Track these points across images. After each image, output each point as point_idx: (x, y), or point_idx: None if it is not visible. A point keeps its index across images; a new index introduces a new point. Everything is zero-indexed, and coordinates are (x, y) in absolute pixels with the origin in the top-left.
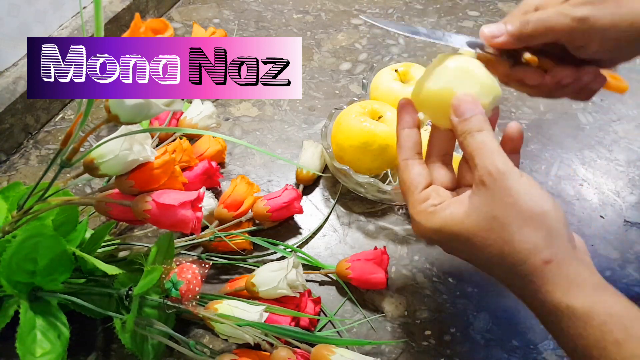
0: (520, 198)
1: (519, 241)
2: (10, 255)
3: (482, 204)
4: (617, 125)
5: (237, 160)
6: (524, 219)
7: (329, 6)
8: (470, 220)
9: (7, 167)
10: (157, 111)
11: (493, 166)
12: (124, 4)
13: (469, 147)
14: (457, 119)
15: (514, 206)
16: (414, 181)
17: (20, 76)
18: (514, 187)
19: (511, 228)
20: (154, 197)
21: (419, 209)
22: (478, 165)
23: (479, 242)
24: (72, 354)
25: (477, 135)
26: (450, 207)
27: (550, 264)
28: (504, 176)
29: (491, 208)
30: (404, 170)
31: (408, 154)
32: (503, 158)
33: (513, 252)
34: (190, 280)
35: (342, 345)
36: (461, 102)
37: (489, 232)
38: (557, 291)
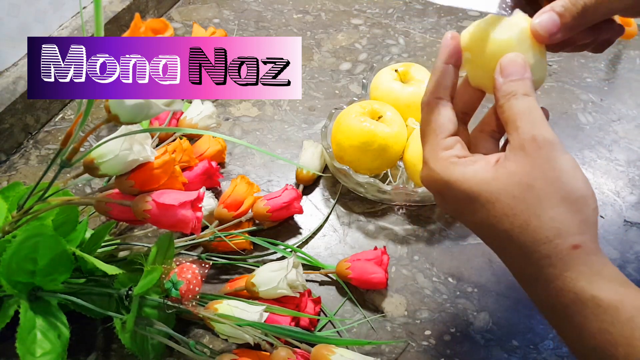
0: (564, 175)
1: (551, 218)
2: (10, 255)
3: (518, 169)
4: (617, 125)
5: (237, 160)
6: (563, 198)
7: (329, 6)
8: (499, 183)
9: (7, 167)
10: (157, 111)
11: (540, 133)
12: (124, 4)
13: (513, 109)
14: (502, 80)
15: (555, 182)
16: (441, 123)
17: (20, 76)
18: (559, 160)
19: (546, 203)
20: (154, 197)
21: (439, 155)
22: (521, 128)
23: (501, 209)
24: (72, 354)
25: (524, 99)
26: (477, 164)
27: (578, 250)
28: (551, 147)
29: (529, 177)
30: (434, 109)
31: (442, 92)
32: (550, 130)
33: (540, 227)
34: (190, 280)
35: (342, 345)
36: (512, 62)
37: (518, 200)
38: (581, 279)
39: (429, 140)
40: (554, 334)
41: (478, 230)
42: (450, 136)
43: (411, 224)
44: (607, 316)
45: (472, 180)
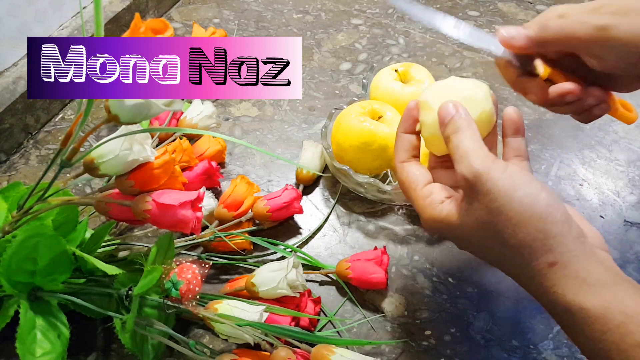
0: (504, 202)
1: (517, 246)
2: (10, 255)
3: (470, 210)
4: (617, 125)
5: (237, 160)
6: (516, 224)
7: (329, 6)
8: (466, 224)
9: (7, 167)
10: (157, 111)
11: (468, 169)
12: (124, 4)
13: (450, 153)
14: (442, 128)
15: (500, 211)
16: (413, 179)
17: (20, 76)
18: (494, 189)
19: (505, 234)
20: (154, 197)
21: (422, 205)
22: (457, 171)
23: (479, 247)
24: (72, 354)
25: (453, 139)
26: (449, 206)
27: (556, 266)
28: (481, 179)
29: (479, 214)
30: (401, 172)
31: (403, 156)
32: (479, 157)
33: (514, 255)
34: (190, 280)
35: (342, 345)
36: (441, 109)
37: (485, 239)
38: (567, 293)
39: (410, 195)
40: (554, 333)
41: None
42: (425, 185)
43: (411, 224)
44: (596, 325)
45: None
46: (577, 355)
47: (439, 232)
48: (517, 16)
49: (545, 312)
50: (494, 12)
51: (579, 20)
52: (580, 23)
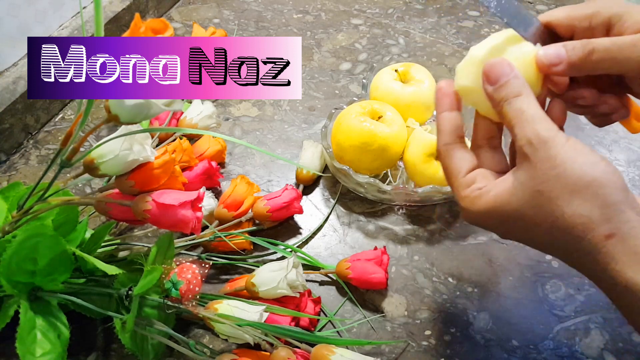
0: (566, 167)
1: (571, 216)
2: (10, 255)
3: (526, 178)
4: (617, 125)
5: (237, 160)
6: (572, 191)
7: (329, 6)
8: (517, 199)
9: (7, 167)
10: (157, 111)
11: (534, 134)
12: (124, 4)
13: (507, 116)
14: (492, 87)
15: (559, 177)
16: (457, 165)
17: (20, 76)
18: (558, 155)
19: (560, 202)
20: (154, 197)
21: (463, 194)
22: (518, 135)
23: (530, 221)
24: (72, 354)
25: (515, 102)
26: (496, 188)
27: (613, 239)
28: (547, 144)
29: (535, 182)
30: (445, 156)
31: (448, 138)
32: (546, 124)
33: (567, 228)
34: (190, 280)
35: (342, 345)
36: (493, 66)
37: (537, 209)
38: (626, 270)
39: (452, 183)
40: (554, 333)
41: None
42: (468, 172)
43: (411, 224)
44: None
45: (496, 204)
46: (577, 355)
47: (479, 221)
48: None
49: (545, 312)
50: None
51: (631, 46)
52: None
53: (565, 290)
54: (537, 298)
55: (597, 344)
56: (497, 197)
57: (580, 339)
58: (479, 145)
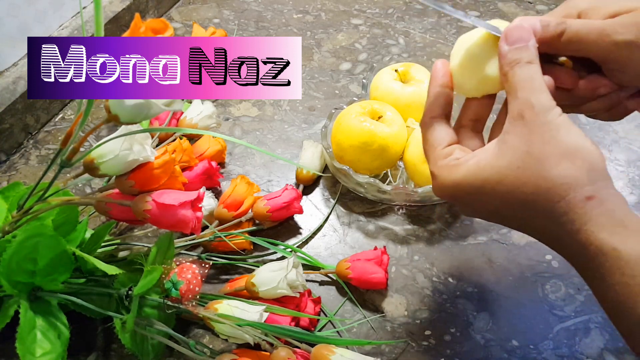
0: (559, 132)
1: (557, 175)
2: (10, 255)
3: (516, 140)
4: (617, 125)
5: (237, 160)
6: (563, 153)
7: (329, 6)
8: (502, 160)
9: (7, 167)
10: (157, 111)
11: (537, 100)
12: (124, 4)
13: (515, 77)
14: (507, 47)
15: (552, 140)
16: (438, 137)
17: (20, 76)
18: (555, 121)
19: (549, 162)
20: (154, 197)
21: (440, 164)
22: (520, 97)
23: (511, 183)
24: (72, 354)
25: (527, 67)
26: (477, 156)
27: (593, 200)
28: (547, 112)
29: (526, 143)
30: (428, 127)
31: (435, 111)
32: (549, 96)
33: (551, 187)
34: (190, 280)
35: (342, 345)
36: (517, 27)
37: (522, 169)
38: (602, 231)
39: (430, 155)
40: (554, 333)
41: (500, 216)
42: (448, 145)
43: (411, 224)
44: (627, 269)
45: (477, 170)
46: (577, 355)
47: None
48: (517, 16)
49: (545, 312)
50: (494, 12)
51: (599, 30)
52: (600, 34)
53: (565, 290)
54: (537, 298)
55: (597, 344)
56: (479, 163)
57: (580, 339)
58: (462, 125)
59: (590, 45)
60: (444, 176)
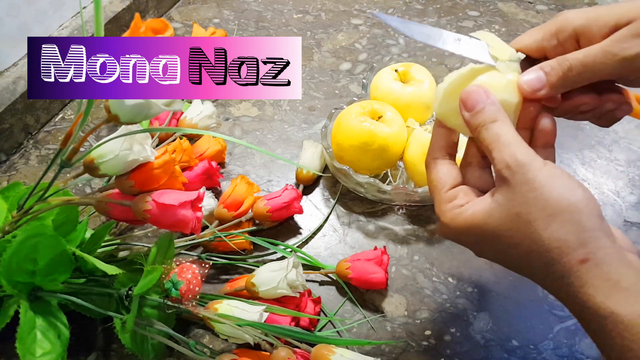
0: (544, 191)
1: (548, 239)
2: (10, 255)
3: (504, 200)
4: (617, 125)
5: (237, 160)
6: (550, 214)
7: (329, 6)
8: (494, 220)
9: (7, 167)
10: (157, 111)
11: (511, 158)
12: (124, 4)
13: (485, 141)
14: (468, 114)
15: (537, 200)
16: (441, 180)
17: (20, 76)
18: (536, 178)
19: (537, 225)
20: (154, 197)
21: (443, 209)
22: (496, 159)
23: (505, 242)
24: (72, 354)
25: (492, 127)
26: (474, 206)
27: (587, 263)
28: (524, 168)
29: (513, 205)
30: (432, 169)
31: (437, 153)
32: (523, 148)
33: (543, 251)
34: (190, 280)
35: (342, 345)
36: (470, 93)
37: (513, 231)
38: (598, 294)
39: (434, 196)
40: (554, 333)
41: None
42: (452, 188)
43: (411, 224)
44: (627, 333)
45: (474, 223)
46: (577, 355)
47: (456, 238)
48: (517, 16)
49: (545, 312)
50: (494, 12)
51: (603, 52)
52: (605, 55)
53: None
54: (537, 298)
55: None
56: (474, 216)
57: (580, 339)
58: (469, 162)
59: (600, 69)
60: (447, 221)
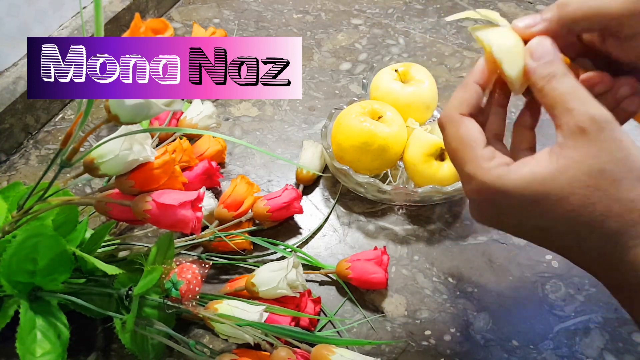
0: (631, 152)
1: (633, 200)
2: (10, 255)
3: (582, 156)
4: None
5: (237, 160)
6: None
7: (329, 6)
8: (567, 176)
9: (7, 167)
10: (157, 111)
11: (599, 112)
12: (124, 4)
13: (557, 91)
14: (535, 63)
15: (626, 161)
16: (476, 137)
17: (20, 76)
18: (624, 139)
19: (624, 185)
20: (154, 197)
21: (485, 165)
22: (576, 110)
23: (577, 200)
24: (72, 354)
25: (567, 79)
26: (531, 164)
27: None
28: (611, 125)
29: (597, 161)
30: (460, 125)
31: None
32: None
33: (624, 212)
34: (190, 280)
35: (342, 345)
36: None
37: (593, 188)
38: None
39: (466, 155)
40: (554, 333)
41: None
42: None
43: (411, 224)
44: None
45: (534, 181)
46: (577, 355)
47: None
48: (517, 16)
49: (545, 312)
50: None
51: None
52: None
53: (565, 290)
54: (537, 298)
55: (597, 344)
56: (536, 173)
57: (580, 339)
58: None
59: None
60: (491, 180)
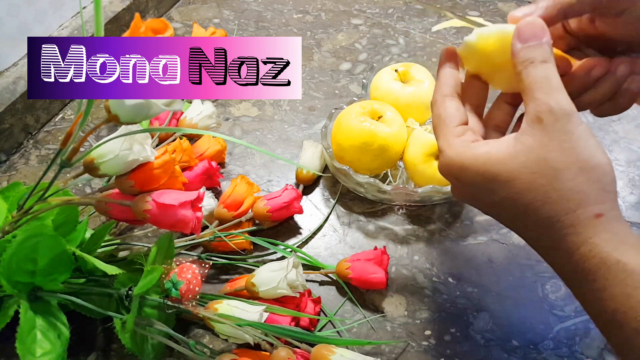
0: (579, 145)
1: (571, 189)
2: (10, 255)
3: (534, 144)
4: (617, 125)
5: (237, 160)
6: (580, 168)
7: (329, 6)
8: (517, 161)
9: (7, 167)
10: (157, 111)
11: (557, 104)
12: (124, 4)
13: (529, 78)
14: (520, 45)
15: (571, 152)
16: (450, 115)
17: (20, 76)
18: (574, 131)
19: (565, 174)
20: (154, 197)
21: (450, 142)
22: (539, 99)
23: (521, 184)
24: (72, 354)
25: (542, 67)
26: (490, 145)
27: (601, 218)
28: (566, 118)
29: (545, 150)
30: (441, 105)
31: (447, 90)
32: (568, 98)
33: (560, 200)
34: (190, 280)
35: (342, 345)
36: (529, 24)
37: (536, 175)
38: (606, 245)
39: (441, 131)
40: (554, 333)
41: (496, 210)
42: (460, 125)
43: (411, 224)
44: (630, 280)
45: (488, 161)
46: (577, 355)
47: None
48: None
49: (545, 312)
50: (494, 12)
51: None
52: None
53: (565, 290)
54: (537, 298)
55: (597, 344)
56: (492, 153)
57: (580, 339)
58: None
59: None
60: (453, 155)
